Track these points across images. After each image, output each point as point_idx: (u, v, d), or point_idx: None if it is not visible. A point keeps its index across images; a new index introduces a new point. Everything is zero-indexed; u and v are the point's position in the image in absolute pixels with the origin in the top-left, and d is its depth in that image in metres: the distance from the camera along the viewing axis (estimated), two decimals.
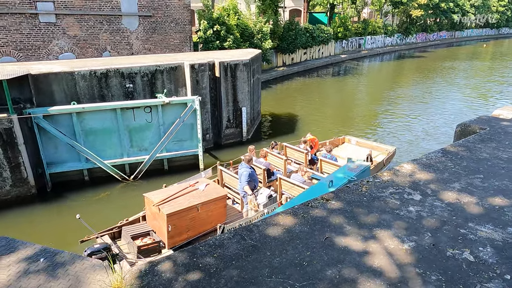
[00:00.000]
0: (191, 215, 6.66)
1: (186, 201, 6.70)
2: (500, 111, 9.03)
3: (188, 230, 6.71)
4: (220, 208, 7.12)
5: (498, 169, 5.25)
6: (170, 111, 10.97)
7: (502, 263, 3.27)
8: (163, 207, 6.45)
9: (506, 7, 73.53)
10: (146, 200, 6.99)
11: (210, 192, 7.05)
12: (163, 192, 7.04)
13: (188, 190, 7.03)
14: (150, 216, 6.99)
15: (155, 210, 6.65)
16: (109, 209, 9.37)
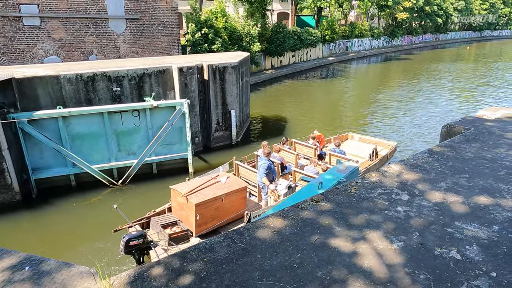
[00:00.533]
0: (216, 205, 7.18)
1: (211, 192, 7.21)
2: (483, 112, 9.24)
3: (213, 219, 7.21)
4: (241, 199, 7.68)
5: (482, 169, 5.37)
6: (158, 115, 10.88)
7: (488, 260, 3.33)
8: (191, 198, 6.93)
9: (488, 10, 75.50)
10: (173, 192, 7.43)
11: (231, 184, 7.59)
12: (188, 184, 7.51)
13: (211, 182, 7.54)
14: (176, 207, 7.47)
15: (182, 201, 7.13)
16: (98, 215, 9.22)
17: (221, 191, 7.26)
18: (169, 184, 10.72)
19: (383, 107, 20.68)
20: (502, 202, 4.38)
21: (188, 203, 6.98)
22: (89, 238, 8.13)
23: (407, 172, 5.26)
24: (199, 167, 11.85)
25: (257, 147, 13.98)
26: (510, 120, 8.26)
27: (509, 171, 5.26)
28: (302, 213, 4.15)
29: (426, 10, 55.68)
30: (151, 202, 9.90)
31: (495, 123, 7.98)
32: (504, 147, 6.33)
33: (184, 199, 7.00)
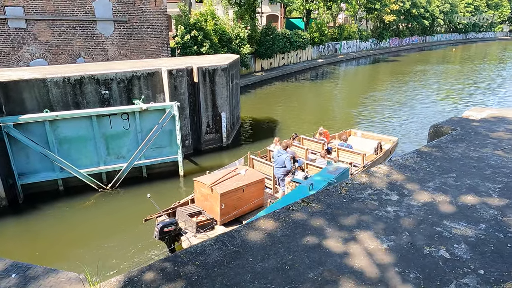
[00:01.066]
0: (238, 195, 7.64)
1: (233, 183, 7.66)
2: (469, 112, 9.43)
3: (234, 208, 7.61)
4: (259, 190, 8.16)
5: (469, 168, 5.46)
6: (148, 118, 10.79)
7: (476, 258, 3.39)
8: (216, 188, 7.41)
9: (472, 13, 77.15)
10: (196, 184, 7.89)
11: (250, 176, 8.09)
12: (210, 176, 7.97)
13: (232, 175, 8.01)
14: (200, 198, 7.92)
15: (206, 192, 7.61)
16: (87, 220, 9.08)
17: (242, 182, 7.75)
18: (159, 187, 10.66)
19: (372, 109, 20.91)
20: (488, 201, 4.46)
21: (213, 193, 7.47)
22: (78, 244, 8.00)
23: (396, 172, 5.33)
24: (189, 170, 11.78)
25: (248, 149, 13.97)
26: (495, 120, 8.44)
27: (495, 170, 5.36)
28: (293, 215, 4.16)
29: (413, 13, 56.62)
30: (141, 206, 9.81)
31: (481, 123, 8.14)
32: (490, 146, 6.46)
33: (209, 189, 7.49)
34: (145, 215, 9.40)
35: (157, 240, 6.98)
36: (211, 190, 7.47)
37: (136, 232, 8.41)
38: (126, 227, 8.78)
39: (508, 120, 8.35)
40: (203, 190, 7.77)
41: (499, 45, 73.46)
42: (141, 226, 8.67)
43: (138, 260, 7.35)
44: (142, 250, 7.77)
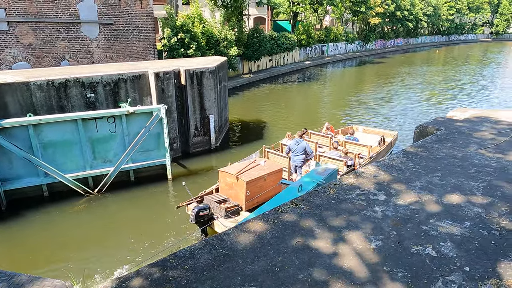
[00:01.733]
0: (260, 184, 8.29)
1: (256, 172, 8.35)
2: (453, 112, 9.63)
3: (257, 196, 8.25)
4: (278, 179, 8.75)
5: (454, 167, 5.58)
6: (135, 121, 10.67)
7: (462, 256, 3.46)
8: (241, 177, 8.10)
9: (455, 15, 79.07)
10: (221, 174, 8.57)
11: (269, 166, 8.80)
12: (233, 167, 8.63)
13: (253, 165, 8.67)
14: (225, 188, 8.58)
15: (232, 181, 8.30)
16: (73, 225, 8.90)
17: (263, 172, 8.44)
18: (147, 191, 10.55)
19: (359, 110, 21.16)
20: (472, 199, 4.56)
21: (238, 181, 8.17)
22: (64, 250, 7.84)
23: (383, 172, 5.40)
24: (178, 173, 11.70)
25: (237, 151, 13.96)
26: (478, 120, 8.65)
27: (479, 169, 5.49)
28: (282, 216, 4.17)
29: (397, 15, 57.66)
30: (128, 211, 9.69)
31: (465, 123, 8.32)
32: (473, 146, 6.61)
33: (235, 178, 8.17)
34: (133, 219, 9.29)
35: (192, 224, 7.72)
36: (237, 179, 8.16)
37: (124, 237, 8.29)
38: (113, 232, 8.65)
39: (490, 120, 8.57)
40: (228, 180, 8.44)
41: (480, 47, 75.42)
42: (129, 231, 8.56)
43: (126, 266, 7.24)
44: (130, 255, 7.66)
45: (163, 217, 9.32)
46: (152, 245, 7.94)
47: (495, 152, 6.26)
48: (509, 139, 6.95)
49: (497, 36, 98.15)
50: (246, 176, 8.12)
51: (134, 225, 8.83)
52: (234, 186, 8.32)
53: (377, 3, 51.54)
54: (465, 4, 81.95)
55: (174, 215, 9.11)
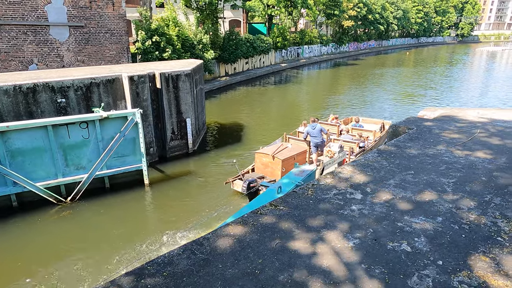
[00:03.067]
0: (291, 162, 9.93)
1: (288, 152, 10.10)
2: (424, 112, 9.99)
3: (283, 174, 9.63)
4: (304, 159, 10.63)
5: (425, 165, 5.78)
6: (109, 126, 10.39)
7: (435, 250, 3.58)
8: (277, 155, 9.84)
9: (423, 19, 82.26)
10: (258, 155, 10.33)
11: (296, 148, 10.59)
12: (267, 149, 10.37)
13: (283, 147, 10.45)
14: (260, 167, 10.28)
15: (268, 160, 10.01)
16: (43, 236, 8.54)
17: (293, 152, 10.19)
18: (123, 198, 10.29)
19: (335, 111, 21.55)
20: (443, 195, 4.74)
21: (274, 160, 9.84)
22: (34, 262, 7.51)
23: (359, 172, 5.51)
24: (155, 178, 11.49)
25: (216, 154, 13.88)
26: (447, 119, 9.01)
27: (449, 166, 5.71)
28: (261, 219, 4.17)
29: (369, 18, 59.33)
30: (103, 217, 9.42)
31: (434, 122, 8.65)
32: (443, 144, 6.88)
33: (271, 158, 9.91)
34: (109, 227, 9.06)
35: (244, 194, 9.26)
36: (273, 158, 9.89)
37: (99, 246, 8.05)
38: (87, 242, 8.37)
39: (458, 119, 8.95)
40: (264, 160, 10.14)
41: (447, 49, 78.76)
42: (104, 240, 8.31)
43: (102, 277, 7.03)
44: (106, 265, 7.44)
45: (141, 223, 9.13)
46: (129, 253, 7.75)
47: (463, 149, 6.54)
48: (475, 137, 7.29)
49: (462, 38, 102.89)
50: (281, 155, 9.85)
51: (109, 233, 8.59)
52: (270, 165, 10.00)
53: (350, 6, 52.84)
54: (432, 8, 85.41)
55: (151, 221, 8.94)
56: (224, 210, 9.28)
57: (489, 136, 7.32)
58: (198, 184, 11.49)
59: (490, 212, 4.30)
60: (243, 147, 14.78)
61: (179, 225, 8.87)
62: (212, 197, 10.43)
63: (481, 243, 3.68)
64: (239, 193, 10.10)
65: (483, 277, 3.19)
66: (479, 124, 8.32)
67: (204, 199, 10.38)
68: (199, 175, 12.11)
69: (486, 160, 5.95)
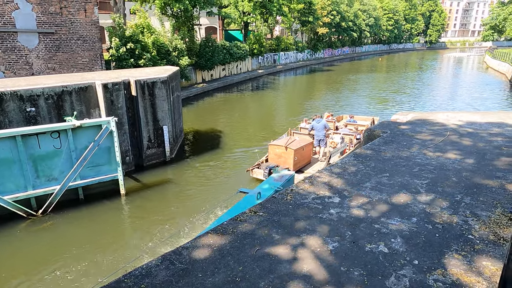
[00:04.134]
0: (300, 152, 11.46)
1: (297, 143, 11.44)
2: (396, 116, 10.30)
3: (299, 161, 11.45)
4: (310, 150, 12.27)
5: (400, 167, 5.95)
6: (82, 135, 10.08)
7: (411, 250, 3.68)
8: (290, 146, 11.21)
9: (393, 26, 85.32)
10: (271, 147, 11.74)
11: (303, 140, 11.90)
12: (280, 141, 11.81)
13: (292, 140, 11.72)
14: (274, 157, 11.62)
15: (281, 151, 11.38)
16: (11, 252, 8.12)
17: (301, 143, 11.53)
18: (98, 209, 9.98)
19: (312, 115, 21.85)
20: (417, 196, 4.88)
21: (287, 150, 11.20)
22: (2, 282, 7.12)
23: (336, 176, 5.60)
24: (131, 187, 11.22)
25: (194, 161, 13.73)
26: (419, 122, 9.33)
27: (422, 168, 5.91)
28: (241, 226, 4.15)
29: (343, 26, 60.90)
30: (78, 231, 9.08)
31: (407, 126, 8.94)
32: (416, 146, 7.11)
33: (284, 148, 11.26)
34: (83, 240, 8.76)
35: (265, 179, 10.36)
36: (286, 148, 11.21)
37: (73, 260, 7.74)
38: (60, 256, 8.03)
39: (429, 122, 9.29)
40: (277, 151, 11.48)
41: (417, 55, 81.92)
42: (78, 253, 8.01)
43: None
44: (81, 279, 7.15)
45: (117, 235, 8.86)
46: (105, 266, 7.50)
47: (434, 151, 6.78)
48: (446, 139, 7.58)
49: (430, 45, 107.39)
50: (293, 146, 11.22)
51: (84, 247, 8.28)
52: (283, 155, 11.35)
53: (324, 14, 54.08)
54: (402, 16, 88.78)
55: (128, 232, 8.71)
56: (204, 218, 9.17)
57: (458, 138, 7.64)
58: (176, 192, 11.31)
59: (461, 211, 4.47)
60: (221, 153, 14.71)
61: (157, 235, 8.68)
62: (191, 205, 10.29)
63: (454, 242, 3.81)
64: (214, 202, 10.03)
65: (457, 274, 3.30)
66: (448, 126, 8.68)
67: (182, 208, 10.22)
68: (177, 183, 11.93)
69: (456, 161, 6.20)
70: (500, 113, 10.72)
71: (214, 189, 11.37)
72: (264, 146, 15.73)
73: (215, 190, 11.30)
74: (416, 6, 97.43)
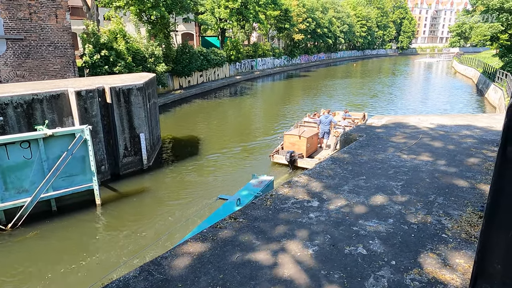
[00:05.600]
0: (311, 140, 13.50)
1: (308, 133, 13.45)
2: (372, 120, 10.57)
3: (310, 148, 13.45)
4: (316, 139, 14.23)
5: (376, 170, 6.09)
6: (54, 144, 9.72)
7: (388, 251, 3.76)
8: (303, 134, 13.21)
9: (367, 32, 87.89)
10: (286, 137, 13.62)
11: (311, 131, 13.97)
12: (292, 132, 13.84)
13: (302, 130, 13.72)
14: (289, 145, 13.42)
15: (294, 139, 13.29)
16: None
17: (310, 133, 13.58)
18: (73, 220, 9.65)
19: (290, 120, 22.07)
20: (393, 198, 5.01)
21: (300, 139, 13.15)
22: None
23: (315, 179, 5.67)
24: (108, 197, 10.90)
25: (172, 168, 13.53)
26: (393, 125, 9.61)
27: (397, 170, 6.07)
28: (221, 233, 4.11)
29: (318, 32, 62.11)
30: (51, 244, 8.72)
31: (382, 129, 9.18)
32: (391, 149, 7.32)
33: (297, 137, 13.21)
34: (56, 254, 8.44)
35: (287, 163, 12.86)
36: (299, 137, 13.16)
37: (45, 276, 7.41)
38: (32, 271, 7.67)
39: (403, 125, 9.59)
40: (291, 139, 13.37)
41: (390, 61, 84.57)
42: (51, 268, 7.68)
43: None
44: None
45: (93, 247, 8.57)
46: (80, 280, 7.23)
47: (408, 153, 7.00)
48: (419, 141, 7.84)
49: (402, 51, 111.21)
50: (305, 135, 13.24)
51: (57, 261, 7.95)
52: (296, 143, 13.21)
53: (299, 20, 55.01)
54: (374, 23, 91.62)
55: (105, 244, 8.44)
56: (183, 226, 9.02)
57: (430, 140, 7.92)
58: (154, 201, 11.09)
59: (434, 211, 4.62)
60: (200, 160, 14.58)
61: (135, 245, 8.46)
62: (169, 213, 10.11)
63: (429, 241, 3.93)
64: (193, 209, 9.91)
65: (432, 273, 3.40)
66: (421, 129, 8.98)
67: (161, 217, 10.03)
68: (155, 191, 11.70)
69: (429, 163, 6.42)
70: (468, 116, 11.22)
71: (193, 196, 11.22)
72: (237, 149, 15.70)
73: (194, 197, 11.17)
74: (388, 13, 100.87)
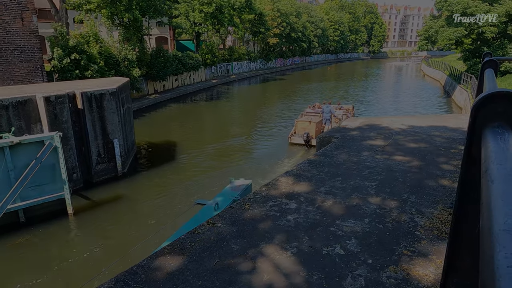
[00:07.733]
0: (318, 125, 16.58)
1: (315, 119, 16.66)
2: (346, 122, 10.80)
3: (317, 132, 15.97)
4: (320, 125, 17.06)
5: (351, 171, 6.22)
6: (22, 152, 9.30)
7: (364, 250, 3.83)
8: (312, 120, 16.46)
9: (339, 37, 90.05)
10: (298, 122, 16.84)
11: (316, 118, 16.94)
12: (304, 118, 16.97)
13: (309, 117, 16.95)
14: (301, 129, 16.46)
15: (305, 125, 16.44)
16: None
17: (316, 120, 16.68)
18: (43, 232, 9.23)
19: (267, 123, 22.21)
20: (368, 198, 5.13)
21: (310, 124, 16.25)
22: None
23: (292, 182, 5.71)
24: (80, 206, 10.53)
25: (148, 174, 13.25)
26: (367, 127, 9.86)
27: (371, 170, 6.22)
28: (199, 238, 4.05)
29: (293, 36, 63.02)
30: (18, 259, 8.30)
31: (356, 131, 9.39)
32: (365, 150, 7.49)
33: (308, 123, 16.32)
34: (24, 269, 8.08)
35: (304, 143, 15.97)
36: (310, 122, 16.25)
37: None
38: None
39: (376, 127, 9.85)
40: (303, 125, 16.36)
41: (362, 64, 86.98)
42: (19, 284, 7.31)
43: None
44: None
45: (64, 258, 8.24)
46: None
47: (382, 154, 7.19)
48: (392, 142, 8.08)
49: (374, 54, 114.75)
50: (314, 120, 16.32)
51: (26, 276, 7.58)
52: (307, 127, 16.16)
53: (274, 25, 55.61)
54: (346, 27, 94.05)
55: (77, 254, 8.12)
56: (159, 233, 8.84)
57: (402, 141, 8.17)
58: (129, 208, 10.82)
59: (408, 209, 4.76)
60: (176, 165, 14.38)
61: (110, 255, 8.20)
62: (145, 221, 9.88)
63: (403, 239, 4.04)
64: (170, 216, 9.76)
65: (407, 270, 3.49)
66: (393, 130, 9.26)
67: (136, 224, 9.79)
68: (130, 198, 11.42)
69: (402, 163, 6.62)
70: (436, 117, 11.68)
71: (170, 202, 11.04)
72: (214, 152, 15.66)
73: (171, 203, 10.99)
74: (359, 18, 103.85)
